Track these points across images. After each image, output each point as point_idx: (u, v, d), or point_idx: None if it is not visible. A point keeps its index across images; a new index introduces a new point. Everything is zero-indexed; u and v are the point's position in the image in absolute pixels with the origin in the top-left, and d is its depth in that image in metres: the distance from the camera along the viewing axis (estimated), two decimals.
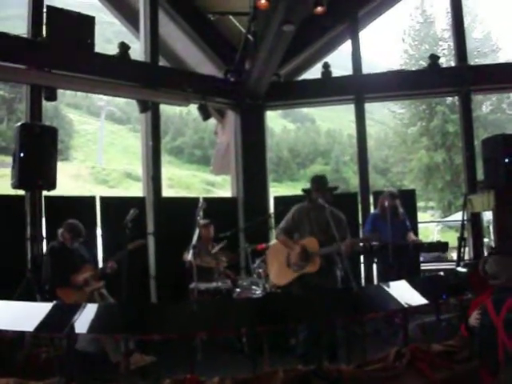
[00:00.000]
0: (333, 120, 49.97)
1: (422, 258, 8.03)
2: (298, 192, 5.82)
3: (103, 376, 4.66)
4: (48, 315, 3.77)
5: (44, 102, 6.65)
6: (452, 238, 11.10)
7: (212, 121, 9.41)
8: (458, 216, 17.40)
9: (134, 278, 5.61)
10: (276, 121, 45.18)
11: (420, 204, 25.46)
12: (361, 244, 6.25)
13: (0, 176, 21.27)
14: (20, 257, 6.12)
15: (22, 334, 4.76)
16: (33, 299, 5.20)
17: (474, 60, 24.34)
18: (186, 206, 6.88)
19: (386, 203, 6.42)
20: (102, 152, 40.82)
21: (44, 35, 6.48)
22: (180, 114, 43.23)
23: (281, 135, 46.42)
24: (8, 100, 32.94)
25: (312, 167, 41.13)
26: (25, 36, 6.48)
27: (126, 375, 4.34)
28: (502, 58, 29.83)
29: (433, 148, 28.59)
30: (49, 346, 4.99)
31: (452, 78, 8.21)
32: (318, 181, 5.45)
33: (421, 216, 9.14)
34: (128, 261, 5.27)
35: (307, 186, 5.57)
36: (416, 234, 7.30)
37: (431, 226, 20.72)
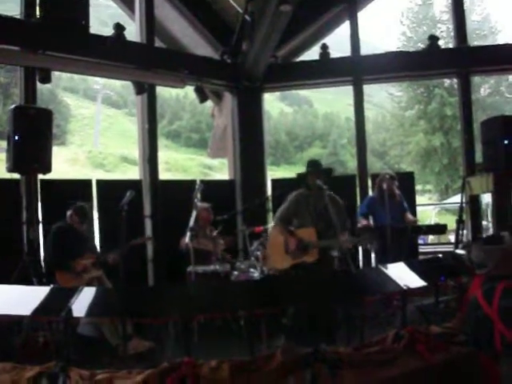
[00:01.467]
0: (330, 103, 49.77)
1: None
2: (295, 175, 5.79)
3: (101, 360, 4.66)
4: (45, 299, 3.74)
5: (40, 86, 6.58)
6: (449, 221, 11.12)
7: (209, 104, 9.33)
8: (455, 199, 17.43)
9: (132, 261, 5.59)
10: (273, 104, 44.95)
11: (417, 187, 25.46)
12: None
13: None
14: (16, 240, 6.08)
15: (19, 318, 4.74)
16: (29, 283, 5.18)
17: (473, 42, 24.16)
18: (183, 188, 6.84)
19: (384, 185, 6.39)
20: (98, 136, 40.65)
21: (37, 16, 6.36)
22: (177, 98, 43.01)
23: (278, 118, 46.23)
24: (3, 84, 32.69)
25: (310, 150, 41.05)
26: (18, 17, 6.37)
27: (123, 359, 4.33)
28: (501, 39, 29.66)
29: (430, 131, 28.57)
30: (46, 330, 4.98)
31: (452, 60, 8.15)
32: (312, 164, 5.44)
33: (418, 199, 9.11)
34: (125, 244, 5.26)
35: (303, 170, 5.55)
36: (414, 216, 7.27)
37: (428, 209, 20.75)
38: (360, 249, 7.32)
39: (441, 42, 8.44)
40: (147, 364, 4.71)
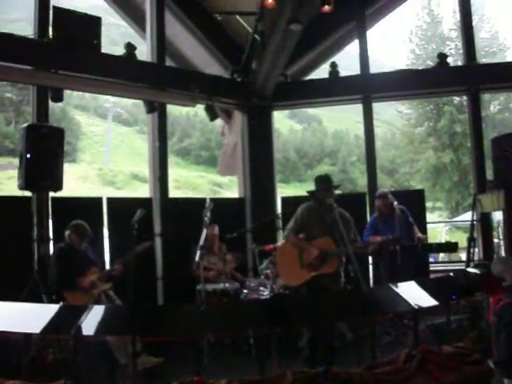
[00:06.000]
0: (339, 121, 49.83)
1: None
2: (305, 193, 5.79)
3: (110, 378, 4.64)
4: (55, 316, 3.75)
5: (51, 104, 6.65)
6: (460, 239, 11.01)
7: (219, 122, 9.38)
8: (465, 216, 17.27)
9: (141, 279, 5.58)
10: (283, 121, 45.09)
11: (427, 204, 25.33)
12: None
13: (8, 178, 21.40)
14: (27, 258, 6.10)
15: (28, 335, 4.74)
16: (39, 300, 5.19)
17: (482, 59, 24.22)
18: (193, 206, 6.87)
19: (380, 204, 6.41)
20: (109, 154, 40.90)
21: (50, 36, 6.46)
22: (187, 116, 43.24)
23: (287, 136, 46.30)
24: (16, 102, 33.11)
25: (319, 168, 40.94)
26: (31, 37, 6.47)
27: (133, 377, 4.32)
28: (510, 57, 29.72)
29: (440, 148, 28.49)
30: (55, 347, 4.98)
31: (461, 77, 8.15)
32: (322, 181, 5.43)
33: (428, 217, 9.03)
34: (135, 262, 5.26)
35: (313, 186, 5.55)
36: (425, 234, 7.21)
37: (439, 227, 20.60)
38: (370, 267, 7.27)
39: (450, 60, 8.48)
40: (157, 382, 4.72)
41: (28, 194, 6.15)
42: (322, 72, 9.27)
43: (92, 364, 4.80)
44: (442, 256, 13.35)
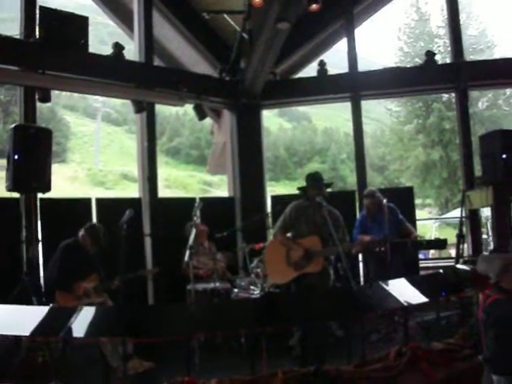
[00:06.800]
0: (329, 119, 49.90)
1: None
2: (295, 191, 5.80)
3: (101, 380, 4.62)
4: (44, 319, 3.73)
5: (40, 104, 6.59)
6: (450, 235, 11.09)
7: (208, 121, 9.36)
8: (455, 213, 17.41)
9: (131, 279, 5.55)
10: (272, 120, 45.08)
11: (417, 201, 25.48)
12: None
13: None
14: (15, 260, 6.06)
15: (18, 338, 4.70)
16: (28, 302, 5.15)
17: (470, 57, 24.35)
18: (183, 206, 6.86)
19: (369, 203, 6.41)
20: (98, 154, 40.71)
21: (37, 36, 6.41)
22: (176, 115, 43.13)
23: (277, 134, 46.30)
24: (4, 103, 32.86)
25: (309, 166, 40.96)
26: (17, 37, 6.42)
27: (123, 379, 4.29)
28: (498, 54, 29.91)
29: (429, 145, 28.67)
30: (45, 349, 4.94)
31: (449, 75, 8.17)
32: (313, 178, 5.42)
33: (418, 213, 9.09)
34: (125, 264, 5.22)
35: (303, 184, 5.54)
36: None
37: (429, 224, 20.74)
38: (361, 265, 7.28)
39: (438, 57, 8.51)
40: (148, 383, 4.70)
41: (16, 195, 6.10)
42: (310, 70, 9.27)
43: (83, 367, 4.79)
44: (432, 252, 13.44)
